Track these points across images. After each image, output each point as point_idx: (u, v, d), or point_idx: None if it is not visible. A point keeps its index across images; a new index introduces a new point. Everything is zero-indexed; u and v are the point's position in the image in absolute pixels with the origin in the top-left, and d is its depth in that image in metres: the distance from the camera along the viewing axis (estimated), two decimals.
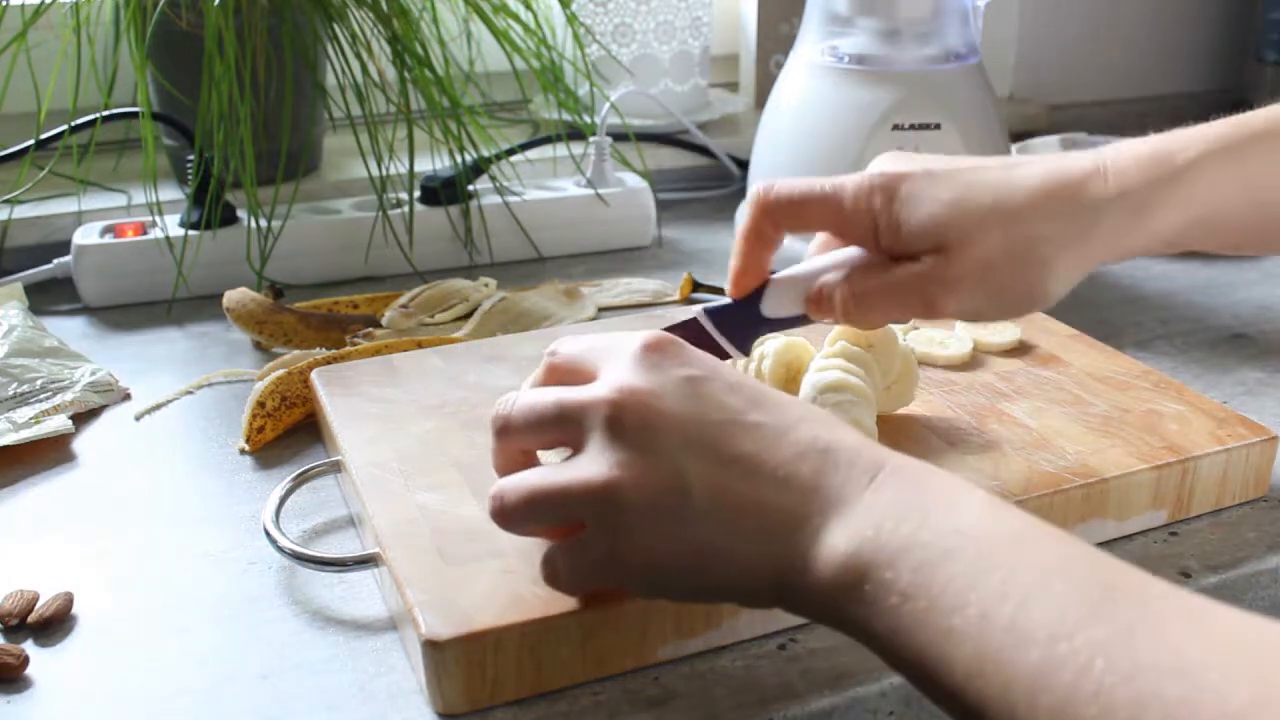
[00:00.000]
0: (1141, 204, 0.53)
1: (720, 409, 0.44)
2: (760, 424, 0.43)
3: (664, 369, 0.45)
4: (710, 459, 0.43)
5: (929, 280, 0.52)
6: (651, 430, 0.43)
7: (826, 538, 0.41)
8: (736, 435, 0.43)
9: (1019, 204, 0.52)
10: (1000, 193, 0.52)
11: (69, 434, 0.69)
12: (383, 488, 0.57)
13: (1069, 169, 0.53)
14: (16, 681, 0.50)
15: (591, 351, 0.48)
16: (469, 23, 1.02)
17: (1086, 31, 1.43)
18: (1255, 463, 0.61)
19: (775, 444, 0.43)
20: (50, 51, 0.90)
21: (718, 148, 1.13)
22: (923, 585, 0.37)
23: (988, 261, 0.51)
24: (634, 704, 0.48)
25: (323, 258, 0.92)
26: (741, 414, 0.44)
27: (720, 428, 0.43)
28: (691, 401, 0.44)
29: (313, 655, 0.51)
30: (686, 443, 0.43)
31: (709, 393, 0.44)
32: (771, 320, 0.56)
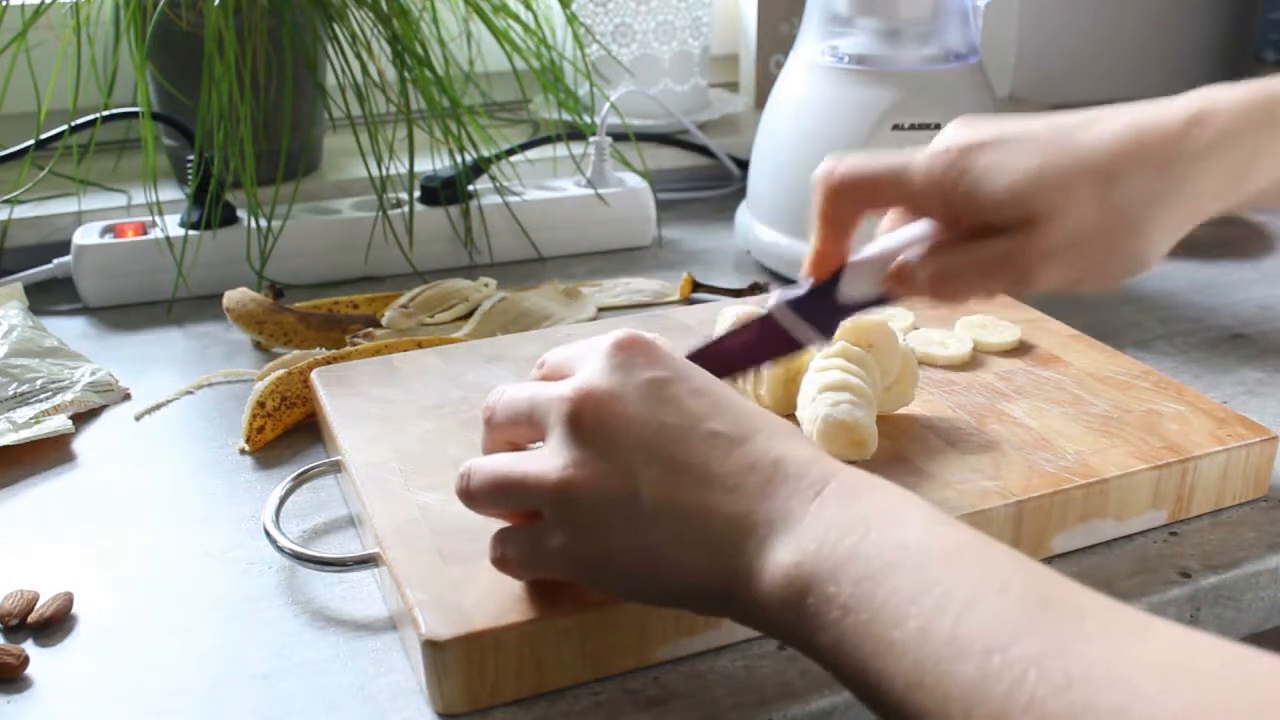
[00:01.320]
0: (1251, 154, 0.49)
1: (680, 413, 0.44)
2: (716, 432, 0.44)
3: (629, 369, 0.45)
4: (663, 463, 0.43)
5: (1020, 255, 0.49)
6: (607, 430, 0.44)
7: (771, 551, 0.41)
8: (691, 442, 0.43)
9: (1108, 162, 0.48)
10: (1084, 152, 0.48)
11: (69, 434, 0.69)
12: (383, 488, 0.57)
13: (1160, 119, 0.49)
14: (16, 681, 0.50)
15: (576, 351, 0.48)
16: (469, 23, 1.02)
17: (1086, 31, 1.43)
18: (1255, 463, 0.61)
19: (728, 453, 0.43)
20: (50, 51, 0.90)
21: (718, 148, 1.13)
22: (864, 598, 0.37)
23: (1080, 230, 0.48)
24: (634, 704, 0.48)
25: (323, 258, 0.92)
26: (700, 420, 0.44)
27: (676, 432, 0.43)
28: (651, 404, 0.44)
29: (313, 655, 0.51)
30: (640, 445, 0.43)
31: (671, 396, 0.44)
32: (850, 304, 0.54)
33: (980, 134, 0.50)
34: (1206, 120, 0.49)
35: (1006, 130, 0.50)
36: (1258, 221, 1.10)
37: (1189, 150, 0.48)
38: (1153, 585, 0.55)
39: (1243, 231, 1.07)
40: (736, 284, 0.91)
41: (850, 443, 0.57)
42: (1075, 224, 0.48)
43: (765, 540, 0.41)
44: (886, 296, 0.54)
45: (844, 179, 0.52)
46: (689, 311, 0.77)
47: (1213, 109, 0.50)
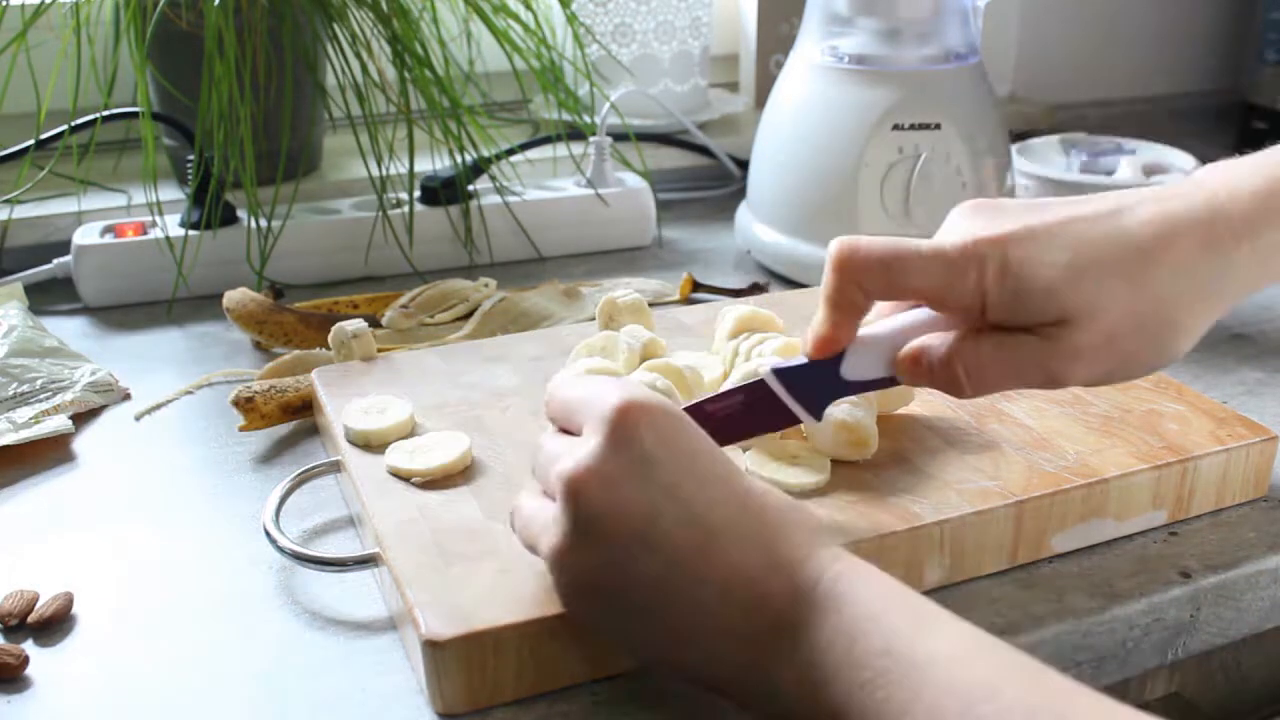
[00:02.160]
0: (1273, 247, 0.49)
1: (676, 504, 0.43)
2: (711, 527, 0.43)
3: (628, 448, 0.44)
4: (657, 559, 0.43)
5: (1053, 354, 0.48)
6: (601, 520, 0.43)
7: (773, 660, 0.42)
8: (685, 540, 0.43)
9: (1141, 262, 0.47)
10: (1118, 250, 0.48)
11: (69, 434, 0.69)
12: (383, 488, 0.57)
13: (1184, 216, 0.48)
14: (16, 681, 0.50)
15: (577, 403, 0.47)
16: (469, 23, 1.02)
17: (1086, 31, 1.43)
18: (1255, 463, 0.61)
19: (723, 550, 0.43)
20: (50, 51, 0.90)
21: (718, 148, 1.13)
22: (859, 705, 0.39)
23: (1114, 330, 0.47)
24: (634, 704, 0.48)
25: (323, 258, 0.92)
26: (695, 514, 0.43)
27: (671, 527, 0.43)
28: (647, 493, 0.43)
29: (313, 655, 0.51)
30: (635, 537, 0.43)
31: (668, 485, 0.43)
32: (853, 383, 0.52)
33: (1005, 226, 0.48)
34: (1227, 216, 0.48)
35: (1032, 222, 0.48)
36: None
37: (1216, 250, 0.48)
38: (1153, 585, 0.55)
39: None
40: (736, 284, 0.91)
41: (850, 442, 0.57)
42: (1106, 324, 0.47)
43: (764, 652, 0.42)
44: (893, 378, 0.52)
45: (866, 260, 0.49)
46: (689, 311, 0.77)
47: (1229, 201, 0.49)
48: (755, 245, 0.94)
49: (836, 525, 0.53)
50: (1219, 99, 1.48)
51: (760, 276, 0.94)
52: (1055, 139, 1.14)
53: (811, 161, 0.88)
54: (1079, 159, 1.09)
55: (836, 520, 0.53)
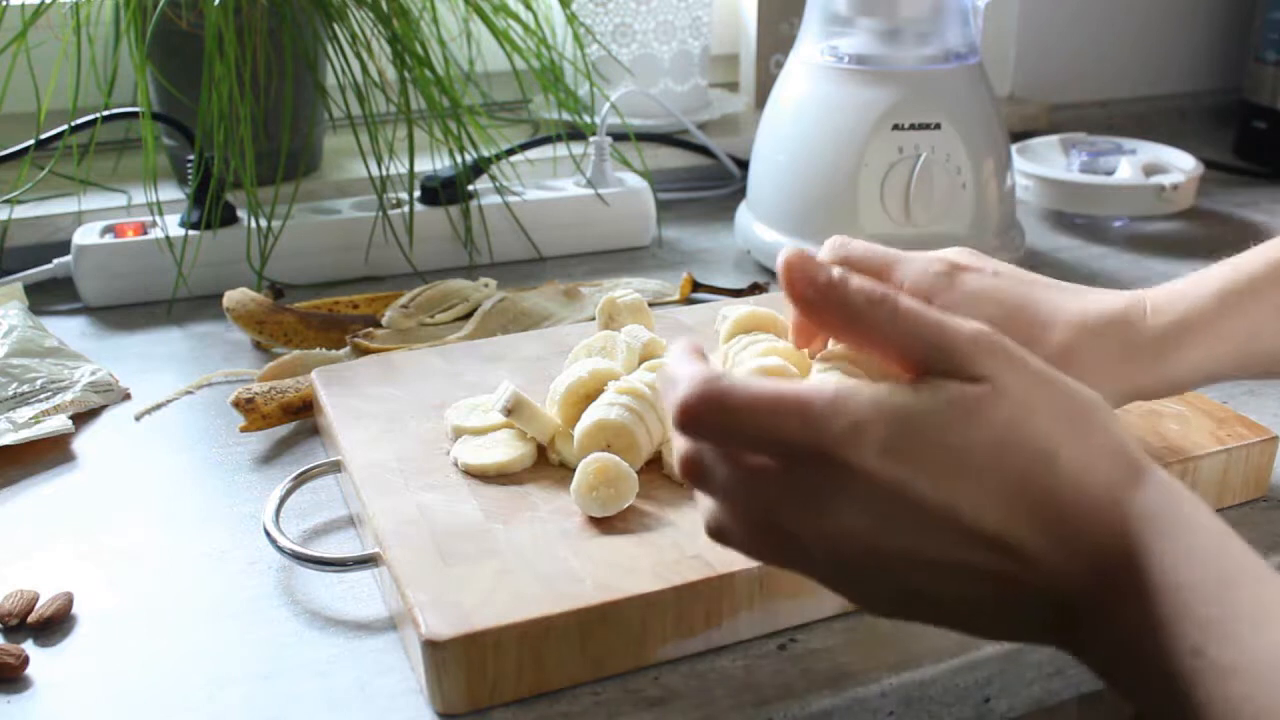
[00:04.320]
0: (1178, 336, 0.54)
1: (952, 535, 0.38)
2: (1005, 542, 0.38)
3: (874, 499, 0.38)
4: (953, 578, 0.39)
5: None
6: (869, 570, 0.40)
7: (1083, 647, 0.40)
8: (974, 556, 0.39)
9: (1063, 325, 0.53)
10: (1051, 312, 0.53)
11: (69, 434, 0.69)
12: (383, 488, 0.57)
13: (1112, 301, 0.54)
14: (16, 681, 0.50)
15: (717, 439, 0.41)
16: (469, 23, 1.03)
17: (1086, 31, 1.43)
18: (1255, 463, 0.61)
19: (1014, 557, 0.38)
20: (50, 51, 0.90)
21: (718, 148, 1.13)
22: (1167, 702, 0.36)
23: None
24: (634, 704, 0.48)
25: (323, 258, 0.92)
26: (982, 534, 0.38)
27: (953, 551, 0.39)
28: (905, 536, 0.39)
29: (313, 655, 0.51)
30: (919, 568, 0.39)
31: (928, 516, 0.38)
32: None
33: (981, 261, 0.55)
34: (1144, 305, 0.54)
35: (1004, 268, 0.55)
36: (1257, 221, 1.10)
37: (1127, 331, 0.53)
38: None
39: (1243, 231, 1.07)
40: (736, 284, 0.91)
41: None
42: None
43: (1073, 636, 0.39)
44: None
45: (858, 258, 0.55)
46: (689, 311, 0.77)
47: (1152, 297, 0.55)
48: (755, 245, 0.94)
49: None
50: (1219, 99, 1.48)
51: (760, 276, 0.94)
52: (1055, 139, 1.14)
53: (811, 161, 0.88)
54: (1079, 159, 1.09)
55: None
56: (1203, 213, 1.11)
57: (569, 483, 0.54)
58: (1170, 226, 1.08)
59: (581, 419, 0.57)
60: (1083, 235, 1.05)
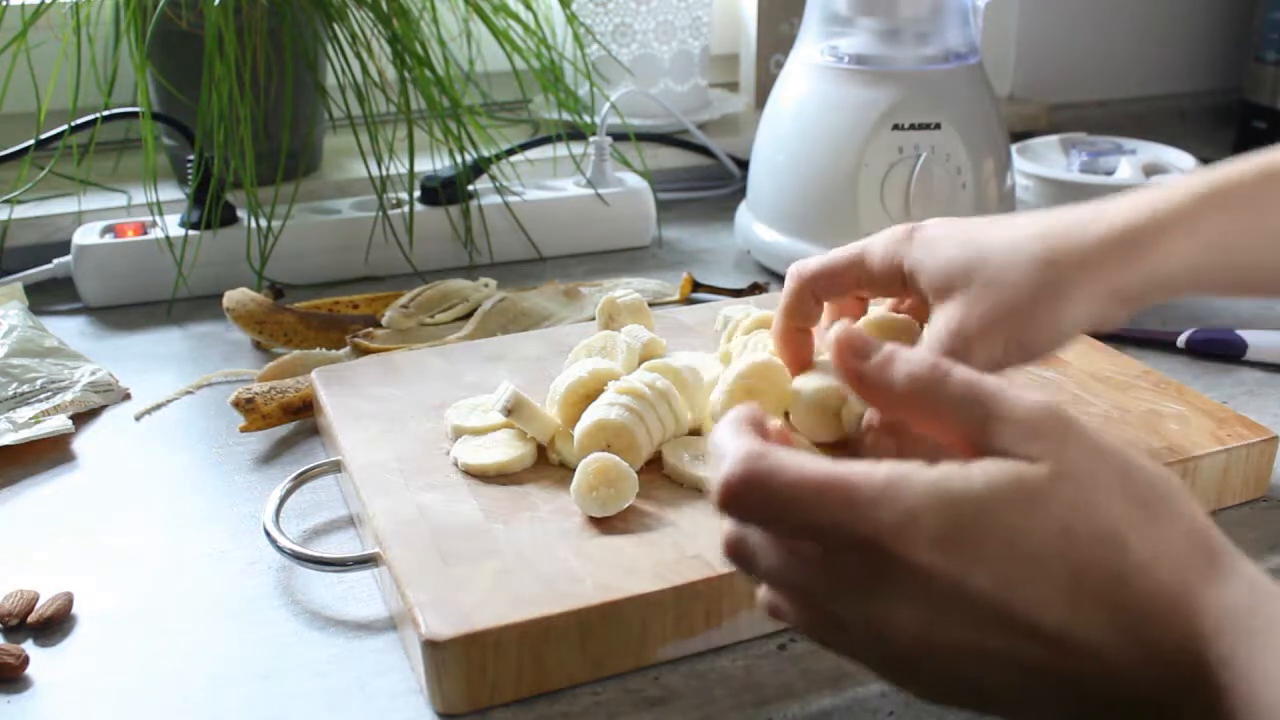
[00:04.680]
0: (1141, 235, 0.51)
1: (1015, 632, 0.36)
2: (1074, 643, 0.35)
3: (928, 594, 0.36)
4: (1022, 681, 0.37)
5: (950, 334, 0.52)
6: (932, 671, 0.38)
7: None
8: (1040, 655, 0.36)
9: (1021, 244, 0.52)
10: (1006, 236, 0.53)
11: (69, 434, 0.69)
12: (383, 488, 0.57)
13: (1070, 211, 0.53)
14: (16, 681, 0.50)
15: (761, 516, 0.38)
16: (469, 23, 1.02)
17: (1086, 31, 1.43)
18: (1255, 463, 0.61)
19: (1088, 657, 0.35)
20: (50, 51, 0.90)
21: (718, 148, 1.13)
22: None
23: (997, 305, 0.51)
24: (634, 704, 0.48)
25: (323, 258, 0.92)
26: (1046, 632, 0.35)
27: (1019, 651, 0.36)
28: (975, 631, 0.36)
29: (313, 655, 0.51)
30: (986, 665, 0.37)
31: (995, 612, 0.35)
32: None
33: (935, 220, 0.56)
34: (1104, 211, 0.52)
35: (961, 220, 0.55)
36: None
37: (1087, 235, 0.52)
38: None
39: None
40: (736, 284, 0.91)
41: (823, 419, 0.58)
42: (991, 299, 0.51)
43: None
44: None
45: (815, 272, 0.58)
46: (689, 311, 0.77)
47: (1114, 202, 0.53)
48: (755, 245, 0.94)
49: None
50: (1219, 99, 1.48)
51: (760, 276, 0.94)
52: (1055, 139, 1.14)
53: (811, 161, 0.88)
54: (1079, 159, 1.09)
55: None
56: None
57: (569, 483, 0.54)
58: None
59: (581, 419, 0.57)
60: None
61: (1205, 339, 0.79)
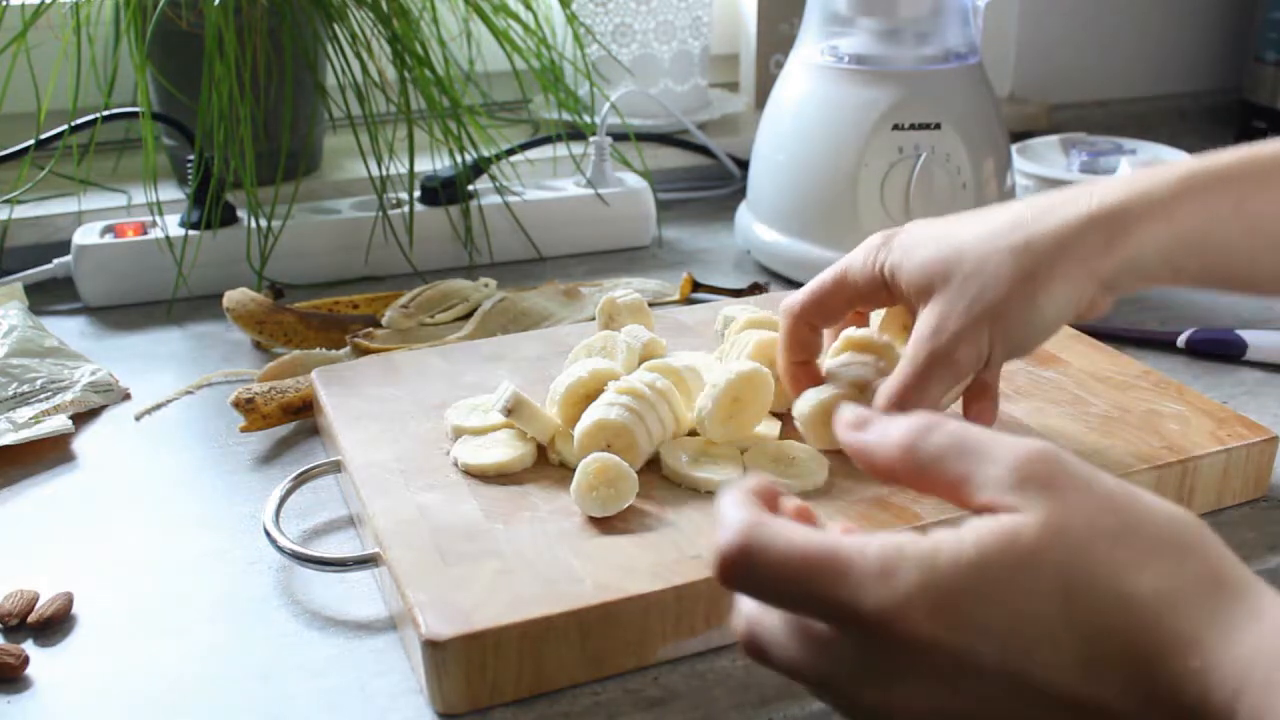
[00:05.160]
0: (1117, 218, 0.51)
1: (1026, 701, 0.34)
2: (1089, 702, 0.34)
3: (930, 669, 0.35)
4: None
5: (934, 333, 0.52)
6: None
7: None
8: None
9: (997, 234, 0.52)
10: (981, 229, 0.53)
11: (69, 434, 0.69)
12: (383, 488, 0.57)
13: (1045, 196, 0.53)
14: (16, 681, 0.50)
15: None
16: (469, 23, 1.02)
17: (1086, 31, 1.43)
18: (1255, 463, 0.61)
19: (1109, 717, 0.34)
20: (50, 51, 0.90)
21: (718, 148, 1.13)
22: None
23: (977, 298, 0.52)
24: (634, 704, 0.48)
25: (323, 258, 0.92)
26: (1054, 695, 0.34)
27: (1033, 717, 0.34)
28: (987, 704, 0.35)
29: (313, 655, 0.51)
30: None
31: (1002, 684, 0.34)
32: None
33: (912, 223, 0.56)
34: (1089, 193, 0.53)
35: (938, 219, 0.56)
36: None
37: (1066, 218, 0.52)
38: None
39: None
40: (736, 284, 0.91)
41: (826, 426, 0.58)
42: (970, 292, 0.52)
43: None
44: None
45: (803, 303, 0.58)
46: (689, 311, 0.77)
47: (1098, 186, 0.53)
48: (755, 245, 0.94)
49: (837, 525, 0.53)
50: (1219, 99, 1.48)
51: (760, 276, 0.94)
52: (1055, 139, 1.14)
53: (811, 161, 0.88)
54: (1079, 159, 1.09)
55: (837, 520, 0.53)
56: None
57: (569, 483, 0.54)
58: None
59: (581, 419, 0.57)
60: None
61: (1205, 339, 0.79)
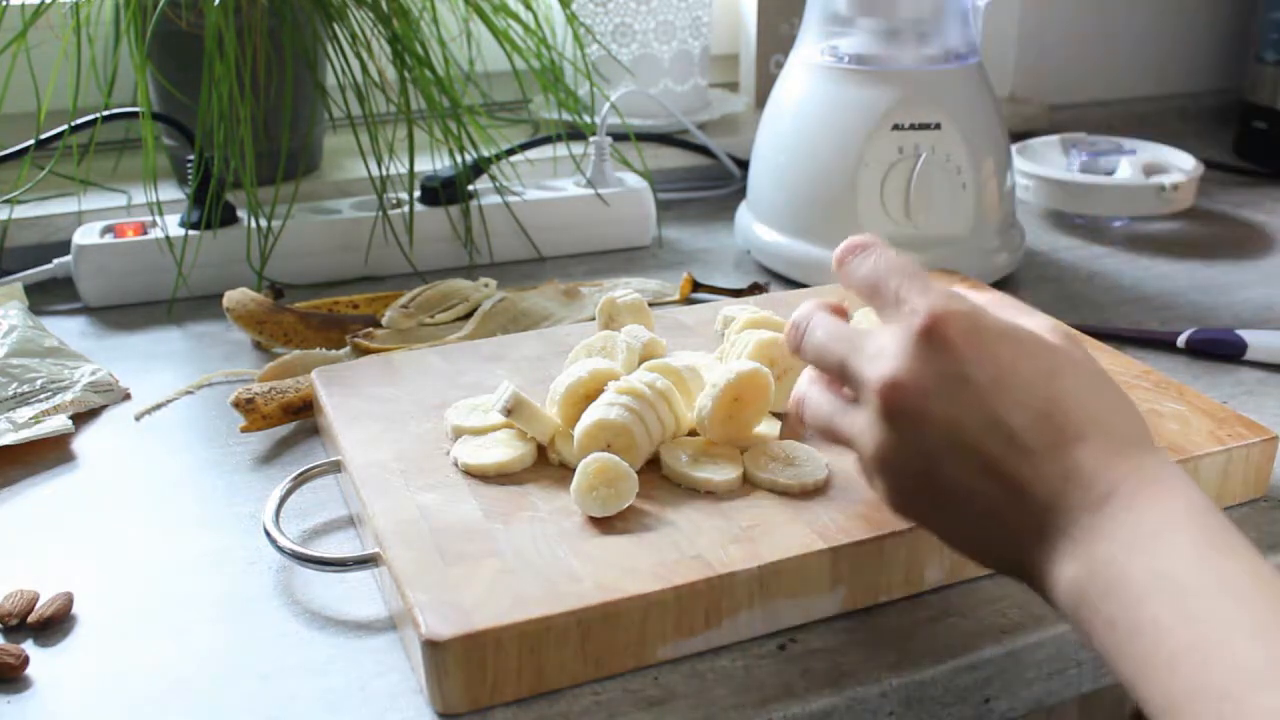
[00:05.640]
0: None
1: (982, 414, 0.44)
2: (1014, 436, 0.44)
3: (935, 364, 0.45)
4: (964, 462, 0.44)
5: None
6: (913, 426, 0.45)
7: (1055, 561, 0.43)
8: (990, 444, 0.44)
9: None
10: None
11: (69, 434, 0.69)
12: (383, 488, 0.57)
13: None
14: (16, 681, 0.50)
15: (884, 291, 0.49)
16: (469, 23, 1.03)
17: (1086, 31, 1.43)
18: (1255, 463, 0.61)
19: (1023, 459, 0.44)
20: (50, 51, 0.90)
21: (718, 148, 1.13)
22: (1128, 620, 0.39)
23: None
24: (634, 704, 0.48)
25: (323, 258, 0.92)
26: (1000, 422, 0.44)
27: (977, 434, 0.44)
28: (955, 404, 0.44)
29: (313, 655, 0.51)
30: (944, 443, 0.45)
31: (972, 398, 0.44)
32: None
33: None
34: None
35: None
36: (1257, 221, 1.10)
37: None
38: None
39: (1243, 231, 1.07)
40: (736, 284, 0.91)
41: None
42: None
43: (1050, 549, 0.43)
44: None
45: None
46: (689, 311, 0.77)
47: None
48: (755, 245, 0.94)
49: (837, 525, 0.53)
50: (1219, 99, 1.48)
51: (760, 276, 0.94)
52: (1055, 139, 1.14)
53: (811, 161, 0.88)
54: (1079, 159, 1.09)
55: (837, 521, 0.53)
56: (1203, 213, 1.11)
57: (569, 483, 0.54)
58: (1170, 226, 1.08)
59: (581, 419, 0.57)
60: (1083, 235, 1.05)
61: (1205, 339, 0.79)
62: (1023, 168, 1.07)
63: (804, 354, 0.51)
